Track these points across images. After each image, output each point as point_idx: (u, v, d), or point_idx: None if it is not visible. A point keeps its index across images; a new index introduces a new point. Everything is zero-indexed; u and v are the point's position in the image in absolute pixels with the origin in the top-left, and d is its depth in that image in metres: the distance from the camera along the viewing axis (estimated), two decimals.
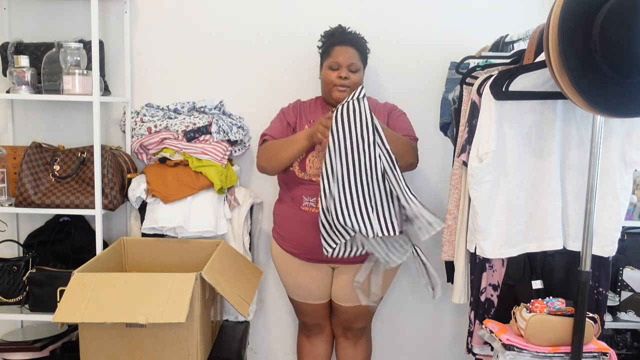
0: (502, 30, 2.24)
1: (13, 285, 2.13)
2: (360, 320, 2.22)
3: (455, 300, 1.99)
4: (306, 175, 2.05)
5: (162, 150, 2.31)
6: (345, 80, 2.05)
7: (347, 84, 2.05)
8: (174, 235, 2.23)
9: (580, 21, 1.42)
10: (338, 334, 2.29)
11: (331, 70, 2.07)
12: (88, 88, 2.09)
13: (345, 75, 2.04)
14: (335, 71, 2.06)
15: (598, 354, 1.69)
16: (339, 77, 2.05)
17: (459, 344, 2.61)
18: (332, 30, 2.16)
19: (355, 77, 2.07)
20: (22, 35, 2.33)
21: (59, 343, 2.22)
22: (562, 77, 1.45)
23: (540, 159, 1.80)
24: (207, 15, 2.43)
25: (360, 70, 2.10)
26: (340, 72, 2.05)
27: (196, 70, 2.45)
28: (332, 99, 2.09)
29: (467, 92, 1.96)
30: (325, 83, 2.11)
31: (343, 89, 2.06)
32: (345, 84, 2.05)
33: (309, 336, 2.30)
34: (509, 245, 1.82)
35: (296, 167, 2.06)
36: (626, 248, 2.26)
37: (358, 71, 2.08)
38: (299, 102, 2.24)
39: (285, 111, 2.22)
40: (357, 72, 2.08)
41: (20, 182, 2.09)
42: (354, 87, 2.04)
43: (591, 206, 1.63)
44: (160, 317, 1.68)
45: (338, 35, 2.12)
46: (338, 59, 2.06)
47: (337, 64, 2.06)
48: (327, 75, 2.08)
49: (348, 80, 2.05)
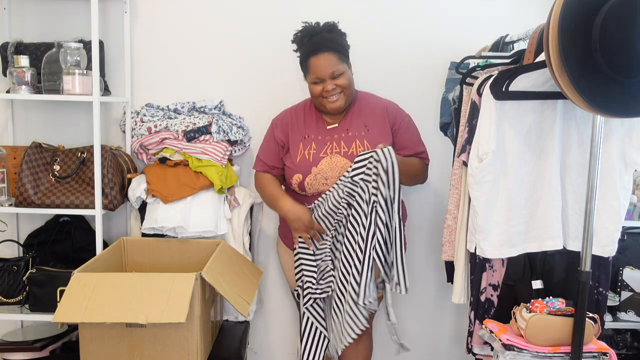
0: (502, 30, 2.24)
1: (13, 285, 2.13)
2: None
3: (455, 300, 1.99)
4: (307, 193, 2.07)
5: (162, 150, 2.31)
6: (333, 90, 2.00)
7: (337, 91, 2.01)
8: (174, 235, 2.23)
9: (580, 21, 1.42)
10: None
11: (315, 85, 2.02)
12: (88, 88, 2.09)
13: (331, 87, 1.99)
14: (320, 84, 2.00)
15: (598, 354, 1.69)
16: (326, 91, 2.00)
17: (459, 344, 2.61)
18: (300, 35, 2.05)
19: (342, 80, 2.00)
20: (22, 35, 2.33)
21: (59, 343, 2.22)
22: (562, 77, 1.45)
23: (540, 159, 1.80)
24: (207, 15, 2.43)
25: (345, 71, 2.01)
26: (326, 86, 1.99)
27: (196, 70, 2.45)
28: (327, 110, 2.05)
29: (467, 92, 1.96)
30: (314, 97, 2.06)
31: (335, 99, 2.01)
32: (335, 92, 2.01)
33: None
34: (509, 245, 1.82)
35: (296, 187, 2.08)
36: (626, 248, 2.26)
37: (342, 74, 1.99)
38: (288, 114, 2.18)
39: (274, 128, 2.16)
40: (342, 75, 1.99)
41: (20, 182, 2.09)
42: (346, 89, 2.02)
43: (591, 206, 1.63)
44: (160, 317, 1.68)
45: (309, 43, 2.01)
46: (318, 74, 1.98)
47: (319, 79, 1.99)
48: (313, 89, 2.03)
49: (336, 89, 2.00)
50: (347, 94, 2.04)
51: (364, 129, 2.07)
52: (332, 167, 2.02)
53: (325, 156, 2.04)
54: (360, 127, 2.08)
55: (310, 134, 2.10)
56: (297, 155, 2.07)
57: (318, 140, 2.08)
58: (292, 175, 2.08)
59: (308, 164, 2.04)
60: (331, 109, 2.04)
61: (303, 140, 2.09)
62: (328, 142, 2.07)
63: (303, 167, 2.05)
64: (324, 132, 2.09)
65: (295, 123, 2.14)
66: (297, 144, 2.09)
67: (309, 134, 2.10)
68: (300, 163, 2.06)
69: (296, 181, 2.06)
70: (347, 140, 2.06)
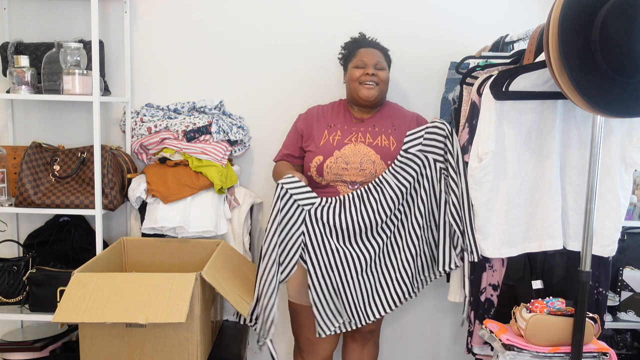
0: (502, 30, 2.24)
1: (13, 285, 2.13)
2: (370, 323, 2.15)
3: (450, 298, 2.00)
4: (324, 180, 2.05)
5: (162, 150, 2.31)
6: (372, 76, 2.04)
7: (375, 80, 2.05)
8: (174, 235, 2.23)
9: (580, 21, 1.42)
10: (346, 334, 2.27)
11: (357, 69, 2.07)
12: (88, 88, 2.09)
13: (373, 72, 2.04)
14: (362, 69, 2.06)
15: (598, 354, 1.70)
16: (366, 74, 2.05)
17: (459, 344, 2.61)
18: (354, 38, 2.18)
19: (383, 74, 2.07)
20: (22, 35, 2.33)
21: (59, 343, 2.22)
22: (562, 77, 1.45)
23: (540, 159, 1.80)
24: (207, 15, 2.43)
25: (386, 69, 2.10)
26: (367, 70, 2.05)
27: (196, 70, 2.45)
28: (360, 97, 2.07)
29: (467, 92, 1.96)
30: (351, 81, 2.09)
31: (371, 85, 2.05)
32: (373, 80, 2.05)
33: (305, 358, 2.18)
34: (509, 245, 1.82)
35: (314, 172, 2.06)
36: (626, 248, 2.26)
37: (384, 69, 2.09)
38: (315, 108, 2.22)
39: (298, 120, 2.22)
40: (383, 70, 2.08)
41: (20, 182, 2.09)
42: (382, 84, 2.06)
43: (591, 206, 1.63)
44: (160, 317, 1.68)
45: (361, 41, 2.15)
46: (364, 58, 2.06)
47: (363, 63, 2.06)
48: (353, 73, 2.07)
49: (375, 77, 2.05)
50: (382, 89, 2.08)
51: (391, 127, 2.10)
52: (354, 153, 2.03)
53: (350, 143, 2.05)
54: (388, 125, 2.11)
55: (337, 123, 2.12)
56: (321, 140, 2.09)
57: (344, 130, 2.10)
58: (312, 158, 2.07)
59: (331, 148, 2.05)
60: (365, 96, 2.05)
61: (328, 128, 2.12)
62: (354, 132, 2.08)
63: (326, 150, 2.06)
64: (351, 123, 2.11)
65: (322, 115, 2.17)
66: (322, 131, 2.11)
67: (335, 124, 2.12)
68: (323, 146, 2.07)
69: (316, 164, 2.05)
70: (373, 134, 2.08)
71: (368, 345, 2.25)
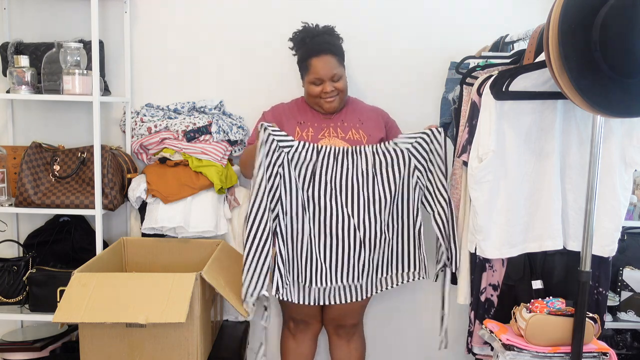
0: (502, 30, 2.24)
1: (13, 285, 2.13)
2: (351, 316, 2.21)
3: (460, 301, 1.99)
4: None
5: (162, 150, 2.31)
6: (331, 92, 2.04)
7: (334, 94, 2.05)
8: (174, 235, 2.23)
9: (580, 21, 1.42)
10: (330, 332, 2.28)
11: (315, 85, 2.05)
12: (88, 88, 2.09)
13: (330, 89, 2.03)
14: (319, 86, 2.04)
15: (598, 354, 1.70)
16: (325, 92, 2.04)
17: (459, 344, 2.61)
18: (301, 35, 2.10)
19: (340, 83, 2.05)
20: (22, 35, 2.33)
21: (59, 343, 2.22)
22: (562, 77, 1.45)
23: (540, 159, 1.80)
24: (207, 15, 2.42)
25: (343, 75, 2.07)
26: (325, 87, 2.03)
27: (196, 70, 2.45)
28: (323, 110, 2.09)
29: (467, 92, 1.96)
30: (311, 96, 2.08)
31: (332, 100, 2.06)
32: (333, 95, 2.05)
33: (295, 333, 2.26)
34: (509, 245, 1.82)
35: None
36: (626, 248, 2.26)
37: (341, 78, 2.06)
38: (281, 105, 2.21)
39: (265, 115, 2.20)
40: (340, 79, 2.05)
41: (20, 182, 2.09)
42: (342, 93, 2.07)
43: (591, 206, 1.63)
44: (160, 317, 1.68)
45: (310, 44, 2.06)
46: (319, 75, 2.02)
47: (320, 80, 2.03)
48: (311, 89, 2.06)
49: (334, 91, 2.05)
50: (342, 97, 2.09)
51: (359, 122, 2.12)
52: None
53: (324, 138, 2.06)
54: (355, 120, 2.12)
55: (307, 120, 2.11)
56: (294, 136, 2.06)
57: (315, 127, 2.10)
58: None
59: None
60: (328, 109, 2.08)
61: (299, 125, 2.10)
62: (325, 127, 2.09)
63: None
64: (320, 120, 2.11)
65: (289, 112, 2.16)
66: (294, 127, 2.10)
67: (305, 120, 2.12)
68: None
69: None
70: (343, 128, 2.09)
71: (353, 339, 2.26)
